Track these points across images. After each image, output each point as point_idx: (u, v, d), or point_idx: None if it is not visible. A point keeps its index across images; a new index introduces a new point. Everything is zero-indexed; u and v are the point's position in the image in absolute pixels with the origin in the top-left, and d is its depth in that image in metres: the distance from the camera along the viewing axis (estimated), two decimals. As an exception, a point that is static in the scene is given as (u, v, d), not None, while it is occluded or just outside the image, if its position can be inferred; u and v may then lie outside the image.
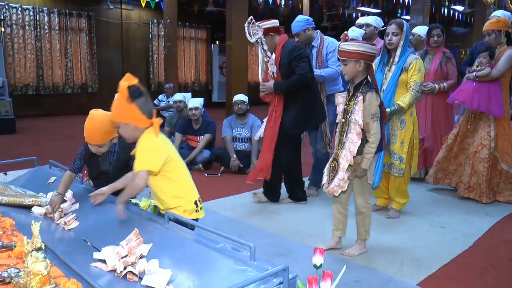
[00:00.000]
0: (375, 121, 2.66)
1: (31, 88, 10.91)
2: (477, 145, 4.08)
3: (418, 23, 7.94)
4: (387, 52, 3.50)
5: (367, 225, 2.93)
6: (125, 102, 2.11)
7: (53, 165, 3.26)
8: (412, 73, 3.37)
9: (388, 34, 3.44)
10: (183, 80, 14.12)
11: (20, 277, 1.52)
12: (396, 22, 3.43)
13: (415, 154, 3.59)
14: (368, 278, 2.57)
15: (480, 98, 3.98)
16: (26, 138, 7.83)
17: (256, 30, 3.74)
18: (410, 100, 3.36)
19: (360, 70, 2.69)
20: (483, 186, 4.04)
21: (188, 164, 5.29)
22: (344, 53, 2.70)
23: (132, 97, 2.10)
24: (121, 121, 2.19)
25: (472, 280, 2.60)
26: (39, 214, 2.53)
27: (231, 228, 3.35)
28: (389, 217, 3.64)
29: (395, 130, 3.47)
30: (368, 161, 2.72)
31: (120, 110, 2.16)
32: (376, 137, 2.68)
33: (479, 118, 4.13)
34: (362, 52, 2.65)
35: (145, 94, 2.17)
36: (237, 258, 1.70)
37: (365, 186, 2.85)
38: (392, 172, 3.51)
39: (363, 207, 2.88)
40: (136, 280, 1.74)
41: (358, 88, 2.70)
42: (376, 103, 2.67)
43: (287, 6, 13.83)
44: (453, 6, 14.69)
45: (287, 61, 3.74)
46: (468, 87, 4.08)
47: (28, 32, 10.72)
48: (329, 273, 1.65)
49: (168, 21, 9.56)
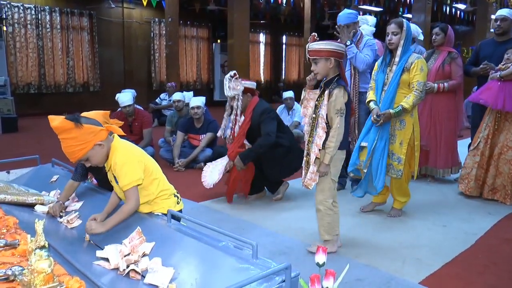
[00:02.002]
0: (338, 116, 2.70)
1: (33, 86, 10.93)
2: (502, 147, 4.01)
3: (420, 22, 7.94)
4: (389, 52, 3.45)
5: (325, 225, 2.86)
6: (76, 131, 1.99)
7: (56, 163, 3.27)
8: (415, 73, 3.31)
9: (388, 34, 3.39)
10: (185, 79, 14.13)
11: (24, 275, 1.53)
12: (395, 21, 3.37)
13: (416, 156, 3.50)
14: (370, 276, 2.57)
15: (505, 97, 3.88)
16: (28, 136, 7.85)
17: (236, 85, 3.80)
18: (414, 101, 3.30)
19: (331, 68, 2.76)
20: (508, 188, 3.98)
21: (190, 163, 5.39)
22: (313, 53, 2.76)
23: (76, 121, 2.00)
24: (87, 149, 2.04)
25: (474, 278, 2.60)
26: (42, 212, 2.54)
27: (233, 227, 3.35)
28: (391, 216, 3.63)
29: (394, 130, 3.40)
30: (329, 156, 2.73)
31: (78, 142, 2.01)
32: (337, 131, 2.70)
33: (505, 118, 4.03)
34: (331, 50, 2.73)
35: (78, 114, 2.09)
36: (240, 256, 1.70)
37: (326, 183, 2.82)
38: (390, 174, 3.45)
39: (321, 204, 2.84)
40: (139, 278, 1.75)
41: (328, 85, 2.76)
42: (342, 100, 2.70)
43: (288, 5, 13.82)
44: (454, 4, 14.67)
45: (257, 123, 3.81)
46: (493, 86, 3.99)
47: (30, 31, 10.74)
48: (332, 272, 1.65)
49: (170, 20, 9.57)
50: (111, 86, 11.55)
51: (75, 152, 2.04)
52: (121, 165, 2.09)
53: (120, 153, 2.12)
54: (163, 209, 2.26)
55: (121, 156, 2.11)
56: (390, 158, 3.43)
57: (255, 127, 3.84)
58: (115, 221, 2.09)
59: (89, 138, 2.03)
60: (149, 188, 2.24)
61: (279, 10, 14.62)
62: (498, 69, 4.03)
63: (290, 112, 7.37)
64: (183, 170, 5.32)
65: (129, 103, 5.43)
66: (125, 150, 2.15)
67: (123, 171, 2.09)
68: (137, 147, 2.31)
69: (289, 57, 18.02)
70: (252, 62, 15.25)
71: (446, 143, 4.57)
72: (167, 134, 6.02)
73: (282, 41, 17.61)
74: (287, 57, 17.90)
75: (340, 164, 2.85)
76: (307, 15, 13.07)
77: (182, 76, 13.61)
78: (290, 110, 7.40)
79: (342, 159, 2.86)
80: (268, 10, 14.29)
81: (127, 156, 2.13)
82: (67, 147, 2.04)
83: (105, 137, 2.10)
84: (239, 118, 3.85)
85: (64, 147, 2.05)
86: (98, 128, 2.07)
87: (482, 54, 4.53)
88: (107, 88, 11.73)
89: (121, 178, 2.10)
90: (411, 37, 3.44)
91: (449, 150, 4.60)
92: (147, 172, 2.22)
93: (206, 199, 4.11)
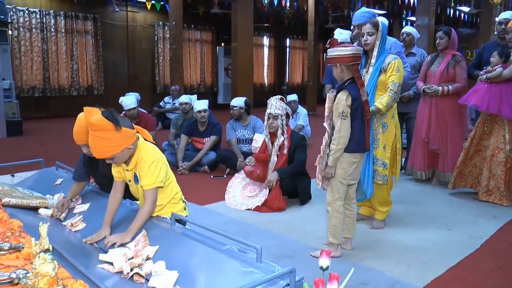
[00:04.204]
0: (340, 119, 2.70)
1: (37, 90, 10.97)
2: (494, 149, 4.05)
3: (424, 24, 7.94)
4: (364, 53, 3.28)
5: (331, 227, 2.84)
6: (114, 132, 1.98)
7: (60, 166, 3.28)
8: (391, 73, 3.23)
9: (363, 35, 3.27)
10: (189, 82, 14.15)
11: (28, 278, 1.53)
12: (370, 21, 3.26)
13: (398, 160, 3.41)
14: (375, 280, 2.56)
15: (490, 99, 3.93)
16: (32, 140, 7.88)
17: (281, 106, 4.03)
18: (388, 101, 3.21)
19: (341, 73, 2.77)
20: (502, 189, 4.00)
21: (194, 166, 5.39)
22: (327, 60, 2.84)
23: (116, 123, 1.99)
24: (118, 151, 2.04)
25: (479, 282, 2.59)
26: (46, 215, 2.55)
27: (237, 230, 3.35)
28: (373, 228, 3.47)
29: (377, 134, 3.30)
30: (331, 158, 2.74)
31: (112, 143, 2.01)
32: (339, 134, 2.70)
33: (495, 120, 4.07)
34: (335, 56, 2.74)
35: (114, 111, 2.08)
36: (244, 260, 1.70)
37: (334, 185, 2.82)
38: (376, 180, 3.34)
39: (329, 205, 2.85)
40: (143, 281, 1.75)
41: (339, 88, 2.78)
42: (344, 103, 2.69)
43: (292, 8, 13.83)
44: (459, 7, 14.63)
45: (294, 146, 4.08)
46: (480, 88, 4.04)
47: (35, 34, 10.79)
48: (336, 275, 1.65)
49: (174, 23, 9.58)
50: (115, 90, 11.58)
51: (104, 151, 2.04)
52: (149, 163, 2.11)
53: (148, 153, 2.14)
54: (169, 214, 2.27)
55: (149, 155, 2.13)
56: (375, 163, 3.31)
57: (291, 150, 4.08)
58: (137, 226, 2.09)
59: (123, 142, 2.03)
60: (165, 191, 2.27)
61: (283, 13, 14.63)
62: (486, 71, 4.05)
63: (294, 116, 7.36)
64: (187, 173, 5.32)
65: (133, 106, 5.44)
66: (153, 151, 2.18)
67: (150, 170, 2.10)
68: (159, 151, 2.32)
69: (293, 60, 18.02)
70: (255, 65, 15.26)
71: (452, 147, 4.55)
72: (171, 137, 6.03)
73: (286, 44, 17.61)
74: (291, 60, 17.90)
75: (349, 167, 2.78)
76: (310, 18, 13.06)
77: (186, 79, 13.63)
78: (294, 113, 7.38)
79: (353, 163, 2.79)
80: (272, 13, 14.30)
81: (155, 156, 2.15)
82: (98, 145, 2.02)
83: (134, 140, 2.12)
84: (278, 137, 4.06)
85: (93, 143, 2.03)
86: (132, 132, 2.09)
87: (485, 56, 4.51)
88: (111, 91, 11.76)
89: (146, 177, 2.11)
90: (386, 37, 3.34)
91: (456, 153, 4.58)
92: (167, 176, 2.24)
93: (209, 202, 4.11)
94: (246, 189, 4.18)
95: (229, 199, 4.12)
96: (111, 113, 2.02)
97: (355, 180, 2.90)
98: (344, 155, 2.76)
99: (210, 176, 5.26)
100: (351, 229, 2.99)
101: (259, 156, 4.20)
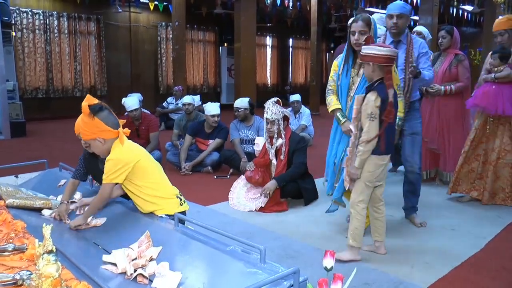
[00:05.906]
0: (369, 121, 2.65)
1: (41, 91, 11.01)
2: (500, 151, 3.95)
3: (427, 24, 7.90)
4: (351, 52, 3.10)
5: (353, 229, 2.79)
6: (88, 118, 2.25)
7: (63, 167, 3.28)
8: None
9: (354, 33, 3.00)
10: (192, 83, 14.17)
11: (31, 279, 1.53)
12: (363, 19, 3.01)
13: None
14: (378, 280, 2.55)
15: (504, 101, 3.80)
16: (36, 141, 7.90)
17: (278, 110, 3.97)
18: (403, 106, 3.17)
19: (373, 72, 2.70)
20: (508, 190, 3.95)
21: (197, 166, 5.39)
22: (361, 57, 2.77)
23: (93, 112, 2.24)
24: (89, 137, 2.29)
25: (484, 283, 2.57)
26: (50, 216, 2.55)
27: (241, 230, 3.34)
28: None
29: None
30: (358, 159, 2.70)
31: (85, 128, 2.28)
32: (366, 136, 2.66)
33: (499, 122, 3.96)
34: (370, 54, 2.67)
35: (107, 108, 2.32)
36: (247, 260, 1.70)
37: (359, 186, 2.78)
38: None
39: (352, 206, 2.81)
40: (146, 282, 1.75)
41: (368, 89, 2.73)
42: (372, 104, 2.64)
43: (295, 8, 13.81)
44: (462, 6, 14.58)
45: (292, 150, 4.03)
46: (489, 90, 3.90)
47: (38, 36, 10.83)
48: (340, 276, 1.64)
49: (177, 24, 9.59)
50: (118, 90, 11.60)
51: (78, 128, 2.31)
52: (111, 160, 2.27)
53: (116, 153, 2.28)
54: (164, 210, 2.34)
55: (115, 154, 2.28)
56: None
57: (290, 152, 4.05)
58: (86, 215, 2.36)
59: (94, 131, 2.27)
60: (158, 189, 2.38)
61: (286, 13, 14.61)
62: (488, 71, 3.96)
63: (297, 116, 7.37)
64: (190, 174, 5.32)
65: (135, 107, 5.44)
66: (124, 152, 2.29)
67: (107, 166, 2.27)
68: (141, 150, 2.43)
69: (296, 60, 18.01)
70: (258, 65, 15.26)
71: (454, 146, 4.53)
72: (174, 137, 6.03)
73: (289, 44, 17.61)
74: (294, 60, 17.90)
75: (376, 170, 2.74)
76: (313, 18, 13.04)
77: (189, 79, 13.64)
78: (297, 113, 7.39)
79: (381, 165, 2.75)
80: (274, 13, 14.28)
81: (118, 157, 2.27)
82: (77, 123, 2.31)
83: (109, 137, 2.29)
84: (275, 141, 4.04)
85: (77, 122, 2.32)
86: (105, 127, 2.27)
87: None
88: (114, 92, 11.79)
89: (105, 171, 2.29)
90: (377, 36, 3.19)
91: (457, 153, 4.56)
92: (144, 174, 2.34)
93: (213, 203, 4.11)
94: (250, 192, 4.17)
95: (232, 200, 4.12)
96: (99, 105, 2.27)
97: (381, 181, 2.84)
98: (371, 157, 2.71)
99: (213, 176, 5.26)
100: (381, 232, 2.91)
101: (258, 161, 4.18)
